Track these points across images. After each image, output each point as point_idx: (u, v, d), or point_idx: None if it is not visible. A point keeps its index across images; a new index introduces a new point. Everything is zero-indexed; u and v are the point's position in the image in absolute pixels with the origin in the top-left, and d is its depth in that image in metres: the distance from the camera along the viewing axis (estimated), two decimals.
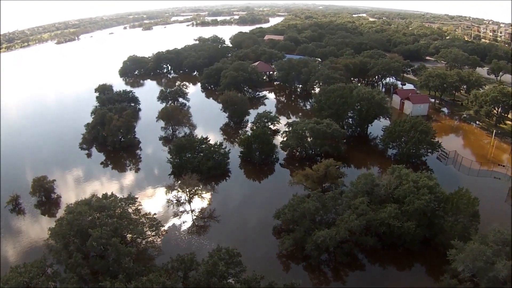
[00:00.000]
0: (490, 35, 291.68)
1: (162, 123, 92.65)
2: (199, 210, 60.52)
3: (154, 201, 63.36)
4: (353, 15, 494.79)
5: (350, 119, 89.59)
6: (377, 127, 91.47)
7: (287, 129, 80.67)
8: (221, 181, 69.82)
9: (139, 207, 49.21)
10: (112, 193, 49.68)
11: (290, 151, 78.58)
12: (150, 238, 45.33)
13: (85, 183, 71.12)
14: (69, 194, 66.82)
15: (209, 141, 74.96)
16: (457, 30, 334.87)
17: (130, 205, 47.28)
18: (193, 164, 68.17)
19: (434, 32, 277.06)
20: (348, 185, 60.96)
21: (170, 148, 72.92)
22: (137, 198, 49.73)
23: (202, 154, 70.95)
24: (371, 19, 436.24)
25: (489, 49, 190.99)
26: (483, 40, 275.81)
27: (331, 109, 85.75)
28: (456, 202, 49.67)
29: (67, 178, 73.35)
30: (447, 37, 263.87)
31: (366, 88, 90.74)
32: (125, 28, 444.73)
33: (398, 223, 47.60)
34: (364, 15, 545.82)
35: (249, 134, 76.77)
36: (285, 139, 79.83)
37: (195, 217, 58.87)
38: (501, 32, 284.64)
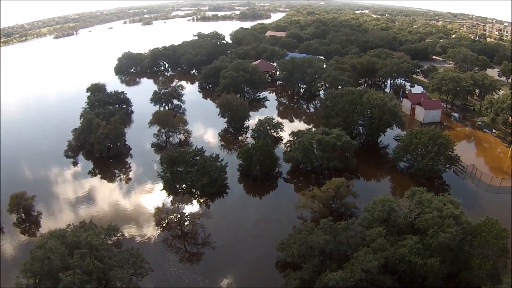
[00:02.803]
0: (496, 34, 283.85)
1: (155, 128, 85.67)
2: (192, 234, 53.31)
3: (140, 223, 56.18)
4: (356, 12, 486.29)
5: (360, 127, 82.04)
6: (388, 134, 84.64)
7: (291, 139, 73.89)
8: (217, 198, 62.34)
9: (121, 238, 42.35)
10: (91, 220, 43.14)
11: (294, 164, 71.34)
12: (134, 278, 38.67)
13: (68, 197, 64.22)
14: (51, 209, 60.35)
15: (204, 152, 67.43)
16: (462, 28, 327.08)
17: (110, 237, 40.49)
18: (186, 181, 61.24)
19: (440, 31, 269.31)
20: (358, 203, 55.64)
21: (161, 160, 65.87)
22: (119, 228, 42.82)
23: (196, 167, 63.90)
24: (374, 16, 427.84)
25: (496, 49, 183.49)
26: (489, 39, 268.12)
27: (340, 117, 78.70)
28: (484, 235, 43.24)
29: (50, 191, 66.24)
30: (453, 36, 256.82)
31: (377, 93, 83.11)
32: (124, 22, 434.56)
33: (420, 261, 41.19)
34: (367, 11, 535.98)
35: (250, 146, 69.02)
36: (288, 149, 73.34)
37: (187, 243, 52.08)
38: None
